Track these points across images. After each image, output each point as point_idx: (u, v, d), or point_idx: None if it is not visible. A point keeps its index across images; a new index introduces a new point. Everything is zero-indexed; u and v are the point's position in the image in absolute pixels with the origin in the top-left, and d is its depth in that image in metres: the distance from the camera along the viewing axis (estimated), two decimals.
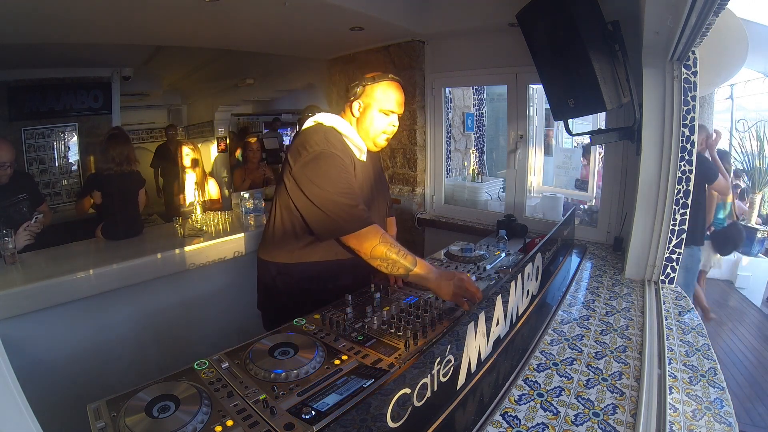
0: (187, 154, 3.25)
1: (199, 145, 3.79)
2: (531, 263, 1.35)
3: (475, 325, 0.98)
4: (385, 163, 3.49)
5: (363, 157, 1.46)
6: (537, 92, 3.40)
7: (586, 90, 1.84)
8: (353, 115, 1.45)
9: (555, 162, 3.88)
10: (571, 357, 1.24)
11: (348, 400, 0.85)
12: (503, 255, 1.82)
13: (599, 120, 2.91)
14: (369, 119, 1.42)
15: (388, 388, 0.79)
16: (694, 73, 1.67)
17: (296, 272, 1.46)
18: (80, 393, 1.10)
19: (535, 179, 3.64)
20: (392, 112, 1.43)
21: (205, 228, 2.44)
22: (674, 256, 1.79)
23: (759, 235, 4.68)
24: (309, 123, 1.44)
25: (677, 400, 1.06)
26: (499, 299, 1.11)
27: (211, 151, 6.32)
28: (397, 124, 1.47)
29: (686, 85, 1.68)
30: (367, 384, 0.90)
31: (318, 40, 3.21)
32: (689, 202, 1.74)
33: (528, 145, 2.85)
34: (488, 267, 1.65)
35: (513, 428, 0.93)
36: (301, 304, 1.33)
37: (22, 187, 2.28)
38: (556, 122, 3.19)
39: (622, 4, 1.89)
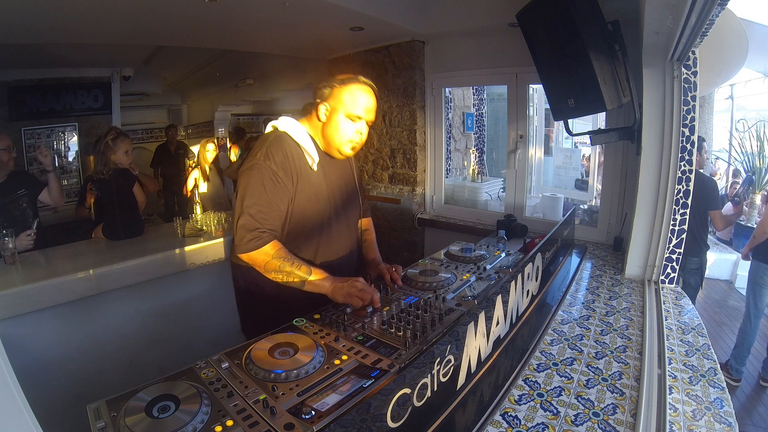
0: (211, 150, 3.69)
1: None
2: (531, 263, 1.35)
3: (475, 325, 0.98)
4: (385, 163, 3.49)
5: (315, 167, 1.34)
6: (537, 92, 3.39)
7: (586, 90, 1.84)
8: (319, 120, 1.33)
9: (555, 162, 3.87)
10: (571, 357, 1.24)
11: (348, 400, 0.84)
12: (503, 255, 1.82)
13: (599, 120, 2.90)
14: (334, 125, 1.31)
15: (388, 388, 0.79)
16: (694, 73, 1.67)
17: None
18: (80, 393, 1.10)
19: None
20: (360, 119, 1.31)
21: (205, 228, 2.44)
22: (674, 256, 1.79)
23: None
24: (267, 128, 1.38)
25: (677, 400, 1.06)
26: (499, 299, 1.11)
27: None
28: (365, 132, 1.35)
29: (686, 85, 1.68)
30: (367, 384, 0.90)
31: (318, 40, 3.21)
32: (689, 202, 1.75)
33: (528, 145, 2.86)
34: (488, 267, 1.65)
35: (513, 428, 0.93)
36: (279, 310, 1.26)
37: (21, 183, 2.30)
38: (556, 122, 3.19)
39: (622, 4, 1.89)
